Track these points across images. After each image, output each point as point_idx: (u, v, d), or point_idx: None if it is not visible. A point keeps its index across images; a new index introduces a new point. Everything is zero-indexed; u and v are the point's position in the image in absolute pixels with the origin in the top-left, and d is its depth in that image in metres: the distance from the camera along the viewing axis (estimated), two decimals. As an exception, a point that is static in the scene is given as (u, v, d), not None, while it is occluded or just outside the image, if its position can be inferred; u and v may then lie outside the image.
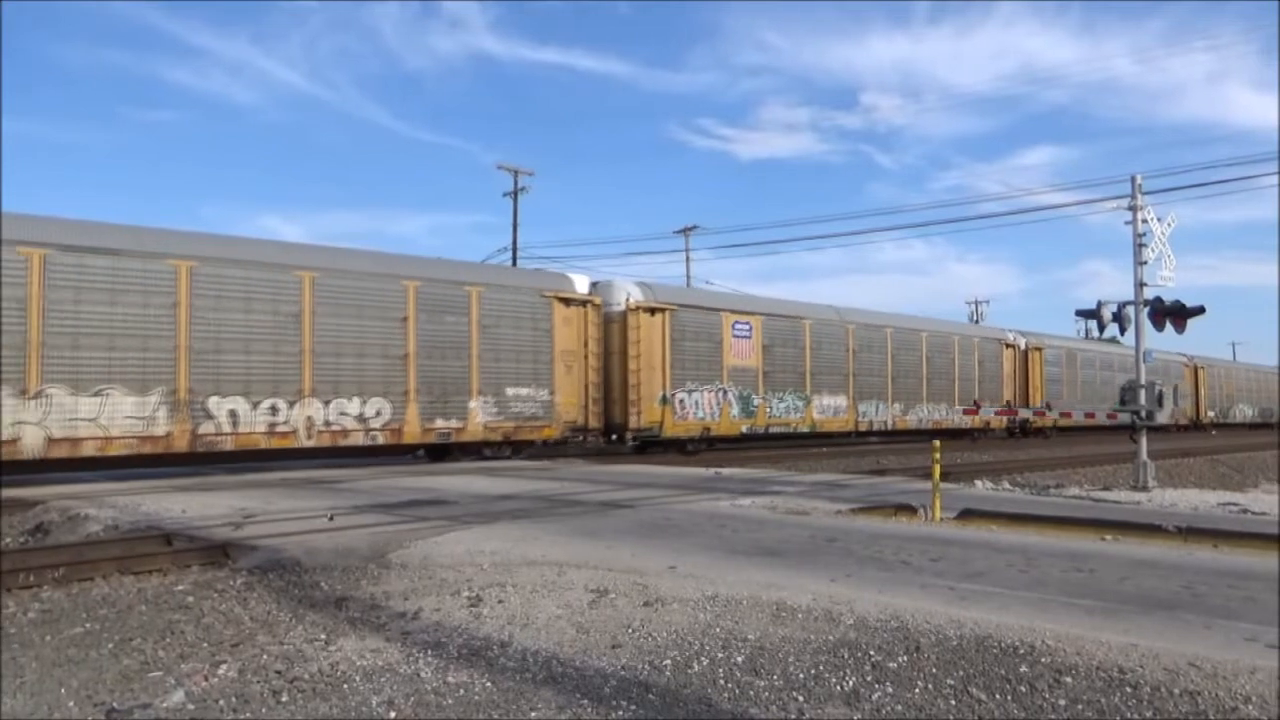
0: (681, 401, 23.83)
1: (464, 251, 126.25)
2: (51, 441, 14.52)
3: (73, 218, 15.61)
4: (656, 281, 25.11)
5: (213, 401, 16.12)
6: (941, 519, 10.97)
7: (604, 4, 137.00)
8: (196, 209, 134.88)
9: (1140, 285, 15.06)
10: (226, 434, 16.30)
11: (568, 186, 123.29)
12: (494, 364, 20.15)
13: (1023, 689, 4.28)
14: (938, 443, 12.03)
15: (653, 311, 23.33)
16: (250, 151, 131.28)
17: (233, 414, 16.34)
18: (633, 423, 22.80)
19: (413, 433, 18.83)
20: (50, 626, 6.06)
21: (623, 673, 4.63)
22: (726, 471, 17.47)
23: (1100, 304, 15.68)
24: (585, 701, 4.24)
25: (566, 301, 21.66)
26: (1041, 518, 10.74)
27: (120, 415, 15.15)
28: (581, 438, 22.50)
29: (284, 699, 4.42)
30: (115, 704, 4.44)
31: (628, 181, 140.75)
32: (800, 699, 4.25)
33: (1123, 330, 16.03)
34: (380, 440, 18.41)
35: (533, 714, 4.12)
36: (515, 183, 38.37)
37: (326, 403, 17.52)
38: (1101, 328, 16.68)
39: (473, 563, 7.44)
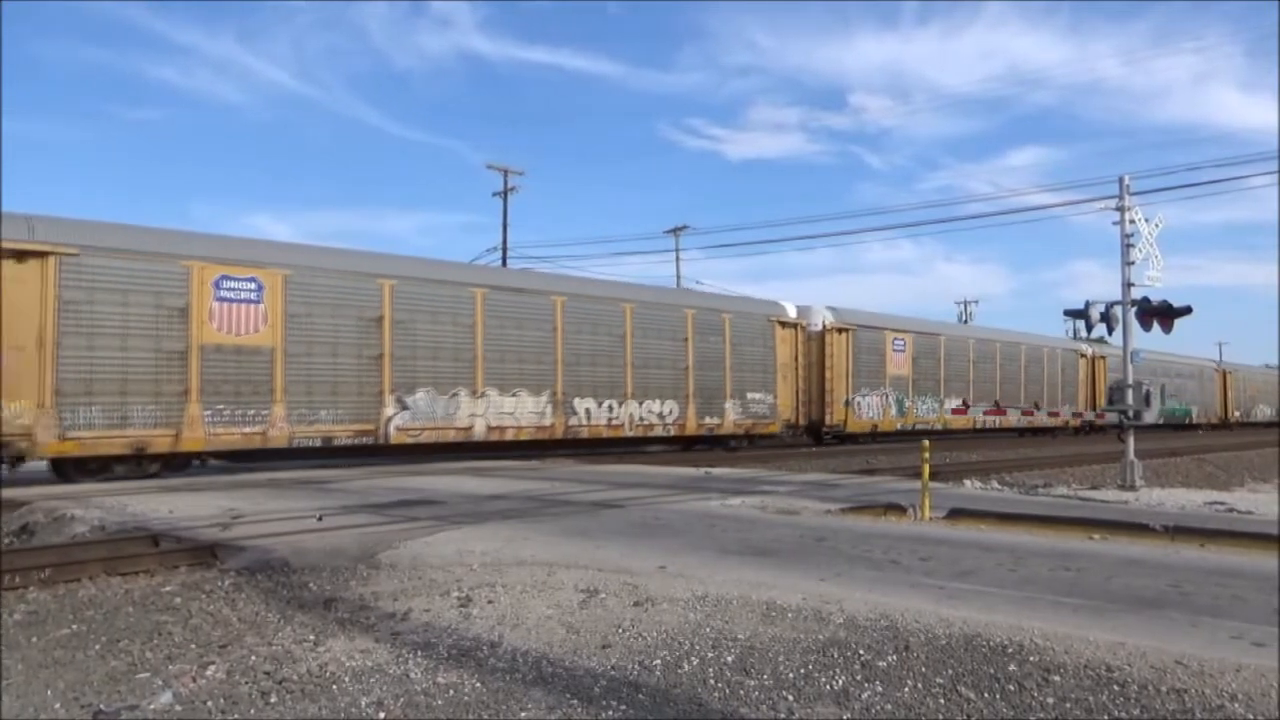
0: (858, 404, 28.91)
1: (454, 252, 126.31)
2: (490, 428, 19.76)
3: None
4: (842, 306, 29.58)
5: (576, 401, 21.44)
6: (930, 518, 11.00)
7: (593, 4, 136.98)
8: (186, 207, 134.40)
9: (1128, 285, 15.12)
10: (584, 425, 21.59)
11: (558, 186, 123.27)
12: (739, 374, 25.24)
13: (1011, 687, 4.30)
14: (927, 442, 12.07)
15: (841, 331, 28.24)
16: (239, 150, 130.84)
17: (587, 411, 21.66)
18: (827, 421, 27.96)
19: (691, 427, 23.95)
20: (36, 628, 6.01)
21: (613, 673, 4.63)
22: (717, 471, 17.49)
23: (1088, 304, 15.74)
24: (575, 701, 4.23)
25: (783, 324, 26.78)
26: (1030, 517, 10.78)
27: (525, 411, 20.50)
28: (793, 433, 27.59)
29: (272, 700, 4.40)
30: (102, 705, 4.42)
31: (618, 181, 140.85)
32: (790, 698, 4.25)
33: (1110, 330, 16.11)
34: (671, 433, 23.64)
35: (523, 714, 4.11)
36: (505, 182, 38.35)
37: (640, 403, 22.76)
38: (1089, 328, 16.75)
39: (462, 563, 7.41)
